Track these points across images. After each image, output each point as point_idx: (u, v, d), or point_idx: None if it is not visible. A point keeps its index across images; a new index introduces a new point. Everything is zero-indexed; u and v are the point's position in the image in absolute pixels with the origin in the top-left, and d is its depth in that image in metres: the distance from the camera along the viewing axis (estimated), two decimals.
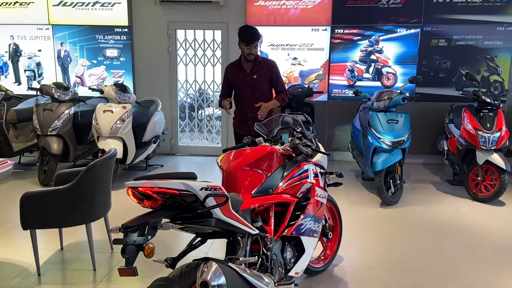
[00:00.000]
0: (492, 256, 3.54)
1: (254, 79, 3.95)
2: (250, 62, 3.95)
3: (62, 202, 2.92)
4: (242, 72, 3.99)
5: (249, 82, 3.95)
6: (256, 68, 3.96)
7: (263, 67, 3.98)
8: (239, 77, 3.99)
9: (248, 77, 3.96)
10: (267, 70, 3.98)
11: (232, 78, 4.05)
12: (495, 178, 4.76)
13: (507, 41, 6.24)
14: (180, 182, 1.74)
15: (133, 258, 1.65)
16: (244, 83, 3.97)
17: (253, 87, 3.96)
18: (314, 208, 2.64)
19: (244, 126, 4.04)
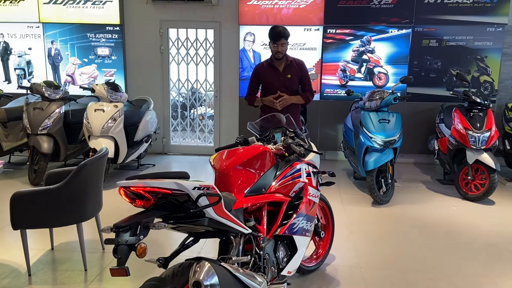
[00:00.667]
0: (482, 254, 3.58)
1: (288, 78, 3.95)
2: (281, 61, 3.94)
3: (53, 202, 2.90)
4: (275, 71, 3.97)
5: (283, 81, 3.94)
6: (289, 68, 3.97)
7: (294, 67, 3.98)
8: (273, 77, 3.96)
9: (282, 76, 3.95)
10: (298, 69, 4.00)
11: (265, 77, 4.00)
12: (485, 177, 4.82)
13: (497, 41, 6.30)
14: (173, 182, 1.74)
15: (125, 258, 1.64)
16: (279, 83, 3.94)
17: (287, 86, 3.94)
18: (306, 207, 2.65)
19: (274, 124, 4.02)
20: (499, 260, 3.48)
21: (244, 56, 6.76)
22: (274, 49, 3.87)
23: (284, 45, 3.85)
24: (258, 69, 4.09)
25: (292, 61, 4.00)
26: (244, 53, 6.75)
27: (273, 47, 3.88)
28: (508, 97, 6.41)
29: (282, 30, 3.82)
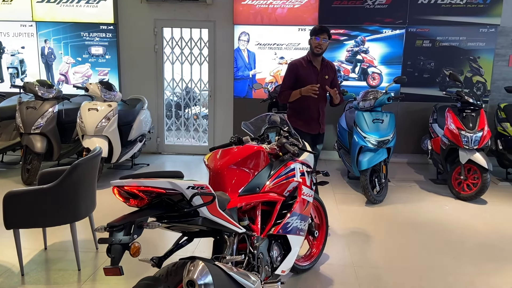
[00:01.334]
0: (475, 253, 3.61)
1: (325, 79, 3.86)
2: (319, 60, 3.86)
3: (46, 201, 2.88)
4: (314, 69, 3.85)
5: (321, 81, 3.82)
6: (325, 69, 3.90)
7: (329, 69, 3.92)
8: (312, 75, 3.83)
9: (320, 76, 3.86)
10: (331, 71, 3.93)
11: (303, 74, 3.84)
12: (478, 177, 4.85)
13: (490, 42, 6.36)
14: (167, 181, 1.74)
15: (119, 258, 1.64)
16: (316, 82, 3.78)
17: (323, 86, 3.81)
18: (300, 206, 2.66)
19: (315, 125, 3.89)
20: (491, 259, 3.51)
21: (238, 56, 6.76)
22: (316, 43, 3.74)
23: (325, 40, 3.73)
24: (296, 65, 3.90)
25: (328, 63, 3.93)
26: (239, 52, 6.75)
27: (315, 41, 3.74)
28: (500, 97, 6.46)
29: (325, 27, 3.78)
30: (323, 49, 3.77)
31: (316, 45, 3.74)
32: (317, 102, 3.85)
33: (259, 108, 5.92)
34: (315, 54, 3.79)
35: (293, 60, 3.99)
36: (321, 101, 3.88)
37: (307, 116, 3.88)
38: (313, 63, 3.85)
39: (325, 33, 3.73)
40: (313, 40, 3.76)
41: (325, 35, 3.73)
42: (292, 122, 3.76)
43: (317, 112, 3.87)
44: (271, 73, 6.78)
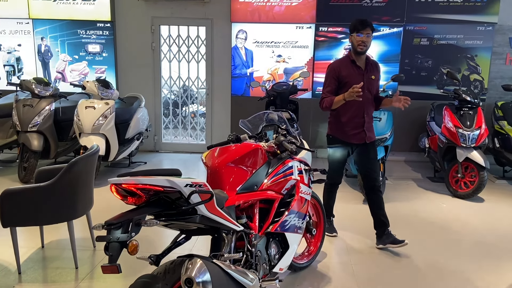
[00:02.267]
0: (472, 251, 3.62)
1: (372, 80, 3.43)
2: (362, 58, 3.42)
3: (44, 199, 2.87)
4: (358, 70, 3.41)
5: (367, 83, 3.37)
6: (371, 68, 3.46)
7: (374, 68, 3.49)
8: (356, 76, 3.36)
9: (366, 77, 3.40)
10: (376, 71, 3.51)
11: (347, 76, 3.38)
12: (475, 175, 4.87)
13: (487, 40, 6.37)
14: (165, 179, 1.73)
15: (117, 255, 1.64)
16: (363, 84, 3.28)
17: (370, 89, 3.42)
18: (298, 204, 2.66)
19: (360, 133, 3.46)
20: (488, 256, 3.52)
21: (236, 54, 6.75)
22: (359, 39, 3.29)
23: (369, 36, 3.30)
24: (337, 67, 3.44)
25: (372, 62, 3.50)
26: (236, 50, 6.74)
27: (357, 38, 3.29)
28: (497, 95, 6.48)
29: (368, 20, 3.32)
30: (367, 46, 3.33)
31: (359, 43, 3.30)
32: (362, 106, 3.39)
33: (257, 106, 5.91)
34: (358, 52, 3.35)
35: (333, 62, 3.58)
36: (367, 105, 3.42)
37: (351, 124, 3.44)
38: (356, 63, 3.41)
39: (368, 28, 3.27)
40: (355, 37, 3.31)
41: (368, 30, 3.28)
42: (332, 131, 3.55)
43: (361, 118, 3.43)
44: (268, 71, 6.78)
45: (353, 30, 3.33)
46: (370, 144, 3.52)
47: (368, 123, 3.46)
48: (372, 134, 3.55)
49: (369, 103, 3.46)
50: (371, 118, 3.53)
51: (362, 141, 3.47)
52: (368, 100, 3.43)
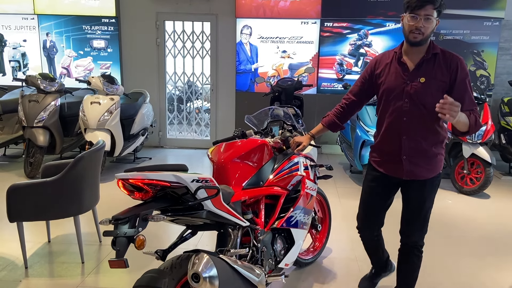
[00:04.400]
0: (477, 247, 3.61)
1: (420, 84, 2.21)
2: (417, 52, 2.22)
3: (50, 194, 2.88)
4: (400, 68, 2.27)
5: (409, 88, 2.22)
6: (427, 65, 2.21)
7: (439, 65, 2.21)
8: (394, 78, 2.28)
9: (409, 79, 2.23)
10: (446, 70, 2.20)
11: (382, 76, 2.34)
12: (481, 171, 4.84)
13: (494, 36, 6.31)
14: (171, 174, 1.74)
15: (124, 250, 1.65)
16: (401, 90, 2.24)
17: (415, 98, 2.21)
18: (304, 200, 2.65)
19: (395, 164, 2.34)
20: (495, 252, 3.51)
21: (240, 49, 6.73)
22: (411, 24, 2.13)
23: (429, 18, 2.11)
24: (377, 61, 2.40)
25: (439, 55, 2.22)
26: (241, 46, 6.72)
27: (410, 20, 2.13)
28: (504, 91, 6.43)
29: None
30: (427, 33, 2.14)
31: (411, 28, 2.14)
32: (398, 124, 2.27)
33: (261, 102, 5.89)
34: (410, 42, 2.19)
35: (379, 54, 2.49)
36: (410, 123, 2.24)
37: (384, 145, 2.39)
38: (403, 58, 2.26)
39: (428, 5, 2.09)
40: (407, 19, 2.15)
41: (428, 9, 2.09)
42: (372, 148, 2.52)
43: (398, 143, 2.29)
44: (273, 67, 6.76)
45: (406, 8, 2.16)
46: (416, 184, 2.33)
47: (411, 150, 2.26)
48: (420, 169, 2.29)
49: (415, 120, 2.23)
50: (418, 143, 2.25)
51: (399, 176, 2.34)
52: (410, 114, 2.23)
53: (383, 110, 2.35)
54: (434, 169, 2.31)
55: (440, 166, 2.34)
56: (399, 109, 2.25)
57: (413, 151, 2.27)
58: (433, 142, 2.26)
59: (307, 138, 2.61)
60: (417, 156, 2.27)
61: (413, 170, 2.29)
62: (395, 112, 2.27)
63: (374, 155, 2.47)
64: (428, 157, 2.28)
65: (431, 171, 2.30)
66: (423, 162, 2.28)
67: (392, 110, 2.28)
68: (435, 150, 2.28)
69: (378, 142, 2.44)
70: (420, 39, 2.14)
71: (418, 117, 2.23)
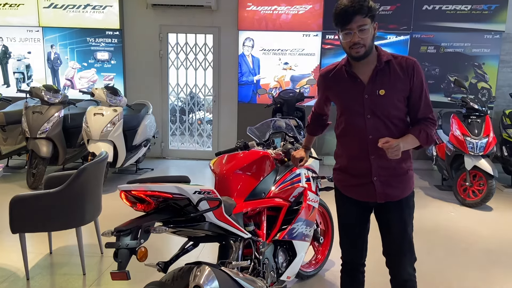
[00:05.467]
0: (480, 260, 3.59)
1: (380, 96, 2.02)
2: (366, 63, 2.05)
3: (53, 205, 2.89)
4: (355, 83, 2.08)
5: (369, 101, 2.04)
6: (382, 75, 2.04)
7: (395, 73, 2.04)
8: (351, 92, 2.09)
9: (366, 93, 2.04)
10: (404, 77, 2.03)
11: (338, 94, 2.17)
12: (483, 183, 4.83)
13: (494, 48, 6.35)
14: (174, 186, 1.74)
15: (126, 262, 1.64)
16: (361, 104, 2.05)
17: (377, 111, 2.04)
18: (306, 212, 2.65)
19: (365, 185, 2.11)
20: (497, 265, 3.49)
21: (243, 61, 6.78)
22: (346, 41, 1.98)
23: (364, 29, 1.94)
24: (323, 78, 2.23)
25: (391, 62, 2.06)
26: (243, 58, 6.77)
27: (343, 38, 1.98)
28: (505, 103, 6.44)
29: (352, 4, 1.91)
30: (367, 44, 1.99)
31: (349, 45, 1.98)
32: (364, 139, 2.06)
33: (263, 114, 5.92)
34: (355, 58, 2.03)
35: (322, 69, 2.29)
36: (375, 141, 1.98)
37: (352, 167, 2.18)
38: (353, 71, 2.09)
39: (356, 17, 1.92)
40: (340, 35, 2.01)
41: (359, 21, 1.93)
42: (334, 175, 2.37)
43: (365, 161, 2.09)
44: (275, 79, 6.80)
45: (335, 25, 2.01)
46: (392, 207, 2.12)
47: (381, 170, 2.06)
48: (392, 189, 2.09)
49: (375, 133, 2.03)
50: (388, 161, 2.02)
51: (371, 199, 2.12)
52: (374, 128, 2.04)
53: (345, 129, 2.14)
54: (407, 187, 2.12)
55: (412, 183, 2.15)
56: (362, 126, 2.05)
57: (384, 170, 2.06)
58: (402, 157, 1.99)
59: (303, 151, 2.53)
60: (388, 175, 2.06)
61: (386, 191, 2.07)
62: (358, 129, 2.07)
63: (340, 179, 2.25)
64: (399, 174, 2.09)
65: (404, 190, 2.11)
66: (395, 181, 2.08)
67: (354, 128, 2.09)
68: (405, 166, 2.09)
69: (343, 165, 2.22)
70: (363, 52, 1.98)
71: (384, 132, 2.01)
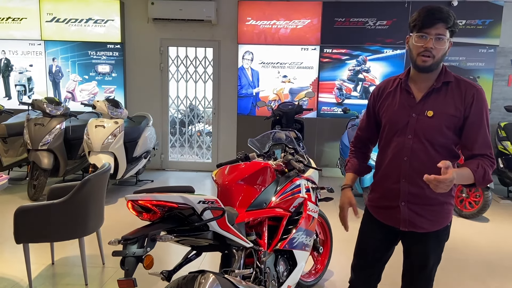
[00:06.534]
0: (477, 270, 3.64)
1: (427, 118, 1.87)
2: (427, 79, 1.89)
3: (57, 216, 2.93)
4: (407, 98, 1.93)
5: (414, 122, 1.89)
6: (437, 96, 1.87)
7: (451, 96, 1.86)
8: (398, 108, 1.94)
9: (414, 111, 1.89)
10: (459, 103, 1.84)
11: (384, 106, 2.01)
12: (479, 195, 4.89)
13: (489, 62, 6.48)
14: (179, 196, 1.80)
15: (133, 270, 1.69)
16: (405, 123, 1.91)
17: (421, 134, 1.88)
18: (306, 222, 2.71)
19: (392, 209, 1.99)
20: (493, 275, 3.53)
21: (242, 74, 6.88)
22: (419, 44, 1.81)
23: (441, 38, 1.78)
24: (379, 90, 2.07)
25: (452, 84, 1.87)
26: (243, 71, 6.88)
27: (417, 41, 1.82)
28: (500, 116, 6.54)
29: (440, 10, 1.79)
30: (438, 56, 1.81)
31: (419, 50, 1.82)
32: (399, 161, 1.93)
33: (263, 126, 6.00)
34: (419, 68, 1.86)
35: (383, 81, 2.11)
36: (412, 163, 1.90)
37: (381, 188, 2.08)
38: (409, 86, 1.93)
39: (439, 24, 1.77)
40: (414, 39, 1.84)
41: (440, 28, 1.78)
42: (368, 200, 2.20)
43: (396, 186, 1.95)
44: (274, 91, 6.90)
45: (413, 27, 1.85)
46: (417, 237, 1.97)
47: (411, 196, 1.91)
48: (420, 219, 1.92)
49: (418, 161, 1.88)
50: (421, 189, 1.87)
51: (395, 225, 1.99)
52: (413, 152, 1.89)
53: (384, 145, 2.01)
54: (439, 221, 1.93)
55: (447, 218, 1.96)
56: (401, 145, 1.90)
57: (414, 197, 1.90)
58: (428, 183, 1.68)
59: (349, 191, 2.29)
60: (418, 204, 1.90)
61: (412, 220, 1.93)
62: (396, 149, 1.93)
63: (371, 198, 2.14)
64: (432, 206, 1.90)
65: (435, 223, 1.93)
66: (425, 212, 1.91)
67: (393, 146, 1.94)
68: (442, 199, 1.89)
69: (375, 183, 2.12)
70: (430, 63, 1.81)
71: (422, 157, 1.87)
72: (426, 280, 2.04)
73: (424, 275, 2.02)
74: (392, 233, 2.03)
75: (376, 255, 2.14)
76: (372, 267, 2.18)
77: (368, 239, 2.17)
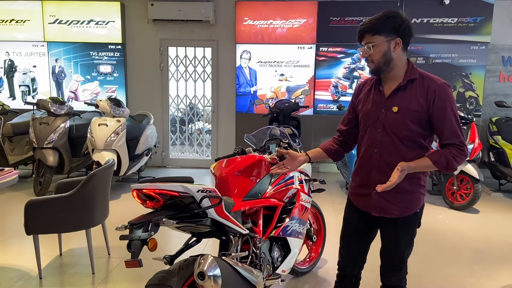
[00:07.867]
0: (466, 258, 3.82)
1: (393, 113, 2.04)
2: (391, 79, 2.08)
3: (65, 208, 3.12)
4: (379, 95, 2.12)
5: (383, 117, 2.07)
6: (402, 93, 2.05)
7: (414, 93, 2.02)
8: (371, 105, 2.14)
9: (383, 107, 2.08)
10: (421, 99, 2.00)
11: (361, 102, 2.22)
12: (470, 187, 5.07)
13: (481, 59, 6.64)
14: (180, 185, 1.98)
15: (138, 252, 1.88)
16: (375, 118, 2.10)
17: (388, 128, 2.06)
18: (299, 211, 2.88)
19: (365, 196, 2.17)
20: (481, 262, 3.71)
21: (240, 73, 7.06)
22: (361, 55, 2.13)
23: (370, 46, 2.02)
24: (359, 87, 2.30)
25: (416, 81, 2.04)
26: (241, 70, 7.05)
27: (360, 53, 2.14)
28: (492, 111, 6.71)
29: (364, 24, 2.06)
30: (376, 60, 2.03)
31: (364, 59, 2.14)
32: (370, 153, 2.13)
33: (260, 123, 6.14)
34: (370, 72, 2.15)
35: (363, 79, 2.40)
36: (381, 155, 2.08)
37: (357, 176, 2.25)
38: (380, 84, 2.13)
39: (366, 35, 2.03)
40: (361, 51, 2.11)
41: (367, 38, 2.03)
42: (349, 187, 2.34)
43: (368, 175, 2.14)
44: (271, 89, 7.07)
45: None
46: (388, 222, 2.16)
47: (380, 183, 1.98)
48: (390, 206, 2.10)
49: (386, 152, 2.07)
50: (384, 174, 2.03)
51: (368, 210, 2.18)
52: (382, 145, 2.07)
53: (360, 138, 2.21)
54: (408, 208, 2.11)
55: (416, 205, 2.13)
56: (372, 138, 2.10)
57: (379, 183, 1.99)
58: (408, 178, 1.97)
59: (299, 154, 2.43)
60: (388, 192, 1.99)
61: (382, 207, 2.10)
62: (369, 142, 2.12)
63: (351, 186, 2.30)
64: (401, 193, 2.06)
65: (404, 210, 2.10)
66: (394, 199, 2.07)
67: (366, 139, 2.14)
68: (410, 188, 2.06)
69: (354, 173, 2.28)
70: (373, 67, 2.06)
71: (390, 149, 2.05)
72: (399, 262, 2.25)
73: (396, 256, 2.23)
74: (369, 217, 2.21)
75: (358, 238, 2.34)
76: (356, 249, 2.37)
77: (350, 224, 2.34)
